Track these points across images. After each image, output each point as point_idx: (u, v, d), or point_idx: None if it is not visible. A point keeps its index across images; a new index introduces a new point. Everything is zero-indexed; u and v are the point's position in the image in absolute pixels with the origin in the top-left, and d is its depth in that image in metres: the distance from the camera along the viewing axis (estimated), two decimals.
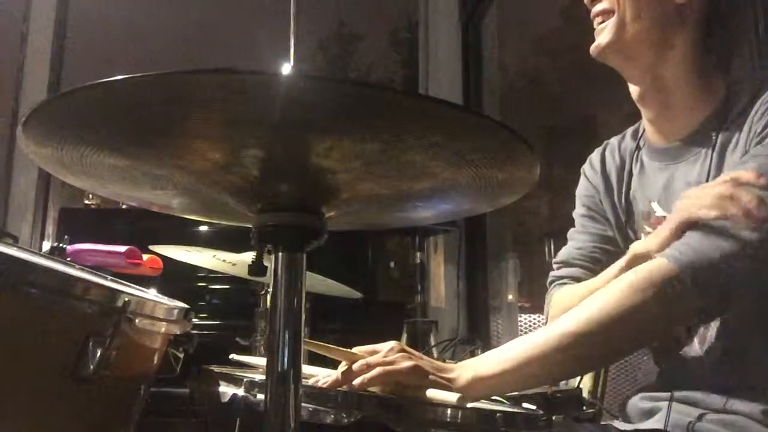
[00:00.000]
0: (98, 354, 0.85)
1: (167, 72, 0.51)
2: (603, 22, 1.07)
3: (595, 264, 1.22)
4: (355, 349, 0.99)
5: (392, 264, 3.66)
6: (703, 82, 1.06)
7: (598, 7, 1.08)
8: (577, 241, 1.25)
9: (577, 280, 1.20)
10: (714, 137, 1.01)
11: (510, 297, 3.36)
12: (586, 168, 1.29)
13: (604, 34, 1.07)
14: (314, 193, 0.69)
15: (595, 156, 1.28)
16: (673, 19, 1.05)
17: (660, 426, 0.99)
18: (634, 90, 1.12)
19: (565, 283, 1.21)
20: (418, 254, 2.68)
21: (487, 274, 3.31)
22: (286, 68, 1.36)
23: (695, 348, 1.03)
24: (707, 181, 1.00)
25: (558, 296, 1.20)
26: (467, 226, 3.24)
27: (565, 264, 1.24)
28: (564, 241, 1.31)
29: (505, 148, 0.63)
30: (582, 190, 1.30)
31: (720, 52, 1.07)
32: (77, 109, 0.57)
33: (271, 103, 0.54)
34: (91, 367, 0.85)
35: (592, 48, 1.09)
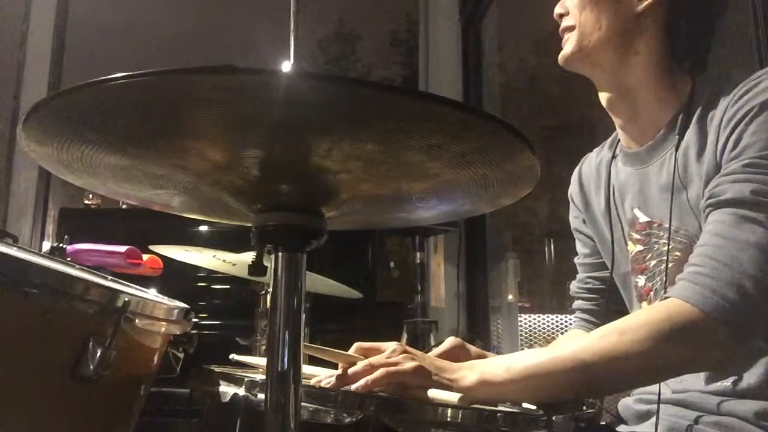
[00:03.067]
0: (98, 354, 0.85)
1: (167, 70, 0.51)
2: (568, 35, 1.11)
3: (591, 293, 1.27)
4: (356, 344, 0.99)
5: (392, 264, 3.67)
6: (669, 84, 1.06)
7: (563, 24, 1.12)
8: (578, 272, 1.31)
9: (583, 311, 1.27)
10: (678, 138, 1.01)
11: (510, 297, 3.36)
12: (570, 189, 1.31)
13: (567, 44, 1.10)
14: (314, 193, 0.69)
15: (574, 174, 1.30)
16: (633, 27, 1.06)
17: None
18: (603, 97, 1.13)
19: (582, 319, 1.27)
20: (418, 254, 2.69)
21: (487, 274, 3.31)
22: (287, 66, 1.36)
23: None
24: (674, 183, 1.00)
25: (574, 335, 1.27)
26: (467, 226, 3.24)
27: (573, 297, 1.30)
28: (564, 241, 1.33)
29: (505, 148, 0.63)
30: (571, 213, 1.32)
31: (688, 54, 1.07)
32: (78, 107, 0.57)
33: (271, 102, 0.54)
34: (91, 367, 0.85)
35: (559, 58, 1.12)
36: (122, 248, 1.40)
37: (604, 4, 1.07)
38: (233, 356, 1.13)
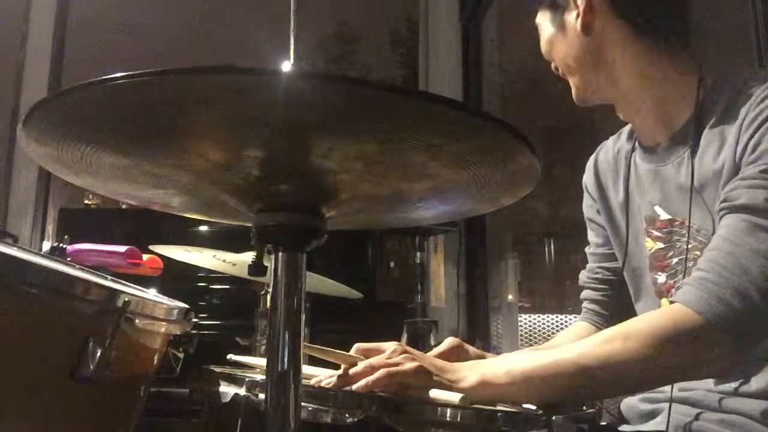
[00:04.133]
0: (98, 354, 0.85)
1: (167, 70, 0.51)
2: (564, 75, 1.16)
3: (601, 284, 1.26)
4: (356, 346, 0.99)
5: (392, 264, 3.66)
6: (662, 75, 1.07)
7: (553, 65, 1.17)
8: (589, 261, 1.30)
9: (591, 302, 1.26)
10: (694, 139, 1.01)
11: (510, 297, 3.36)
12: (584, 178, 1.30)
13: (573, 91, 1.15)
14: (314, 193, 0.69)
15: (590, 162, 1.30)
16: (590, 43, 1.09)
17: (662, 428, 0.99)
18: (619, 114, 1.16)
19: (589, 310, 1.26)
20: (418, 254, 2.68)
21: (487, 274, 3.31)
22: (286, 66, 1.36)
23: None
24: (692, 184, 1.00)
25: (577, 329, 1.26)
26: (467, 226, 3.24)
27: (582, 287, 1.29)
28: (564, 241, 1.33)
29: (505, 147, 0.62)
30: (584, 202, 1.32)
31: (654, 32, 1.07)
32: (77, 107, 0.57)
33: (271, 102, 0.54)
34: (91, 367, 0.85)
35: (575, 101, 1.17)
36: (122, 248, 1.40)
37: (559, 44, 1.12)
38: (231, 356, 1.13)
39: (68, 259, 1.37)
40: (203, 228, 2.82)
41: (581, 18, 1.08)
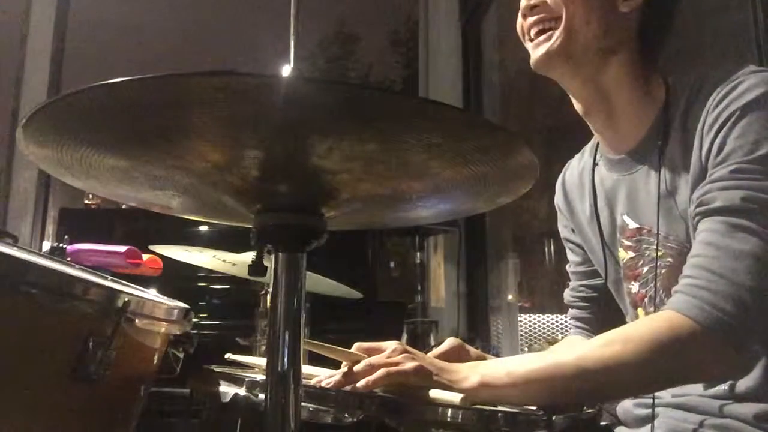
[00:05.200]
0: (98, 354, 0.85)
1: (168, 74, 0.51)
2: (545, 30, 1.04)
3: (584, 302, 1.26)
4: (356, 345, 0.99)
5: (392, 264, 3.66)
6: (645, 88, 1.05)
7: (539, 15, 1.04)
8: (571, 280, 1.30)
9: (578, 320, 1.27)
10: (660, 144, 1.00)
11: (510, 297, 3.36)
12: (555, 199, 1.29)
13: (551, 40, 1.03)
14: (314, 193, 0.69)
15: (558, 182, 1.29)
16: (617, 27, 1.04)
17: None
18: (578, 105, 1.11)
19: (578, 327, 1.27)
20: (418, 254, 2.68)
21: (487, 274, 3.31)
22: (286, 69, 1.36)
23: None
24: (659, 190, 0.99)
25: (573, 342, 1.26)
26: (467, 226, 3.24)
27: (567, 306, 1.29)
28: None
29: (504, 148, 0.63)
30: (559, 222, 1.31)
31: (658, 56, 1.06)
32: (77, 110, 0.57)
33: (271, 105, 0.54)
34: (91, 367, 0.85)
35: (538, 56, 1.04)
36: (122, 248, 1.40)
37: (594, 0, 1.02)
38: (229, 356, 1.13)
39: (68, 259, 1.37)
40: (203, 228, 2.82)
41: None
